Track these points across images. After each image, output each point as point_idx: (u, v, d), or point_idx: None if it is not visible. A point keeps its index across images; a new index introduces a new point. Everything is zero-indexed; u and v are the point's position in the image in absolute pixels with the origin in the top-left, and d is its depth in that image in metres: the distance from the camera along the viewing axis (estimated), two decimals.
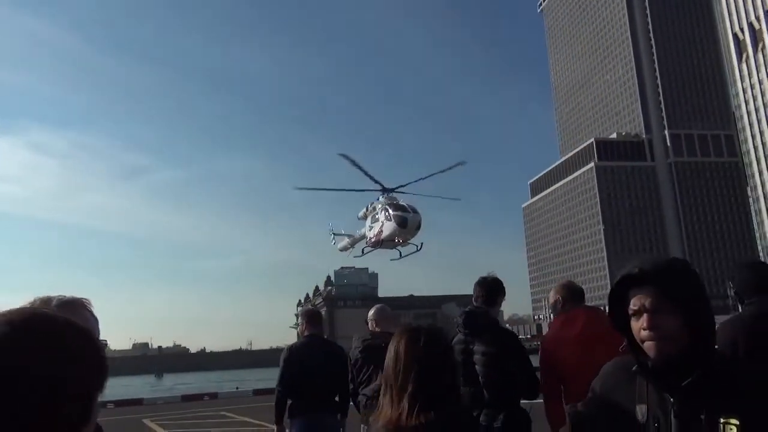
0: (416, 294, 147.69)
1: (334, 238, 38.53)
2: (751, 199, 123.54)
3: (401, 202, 29.99)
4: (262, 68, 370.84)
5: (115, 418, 15.24)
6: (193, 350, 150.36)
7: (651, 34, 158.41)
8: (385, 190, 30.97)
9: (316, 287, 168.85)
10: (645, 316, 1.42)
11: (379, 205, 30.75)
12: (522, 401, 3.54)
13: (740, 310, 3.19)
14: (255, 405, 16.69)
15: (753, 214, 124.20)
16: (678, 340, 1.40)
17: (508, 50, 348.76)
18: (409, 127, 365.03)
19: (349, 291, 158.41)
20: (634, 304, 1.45)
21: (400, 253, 31.69)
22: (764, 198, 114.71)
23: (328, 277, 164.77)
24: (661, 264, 1.47)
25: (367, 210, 32.70)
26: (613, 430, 1.52)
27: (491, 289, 3.78)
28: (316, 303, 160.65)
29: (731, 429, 1.29)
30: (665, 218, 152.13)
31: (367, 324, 4.86)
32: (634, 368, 1.47)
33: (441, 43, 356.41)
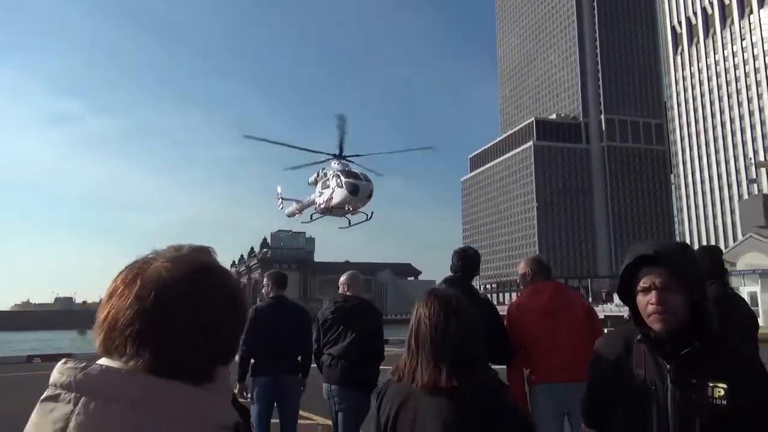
0: (352, 261, 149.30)
1: (282, 202, 37.52)
2: (674, 186, 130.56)
3: (354, 170, 28.94)
4: (212, 18, 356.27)
5: (42, 373, 14.75)
6: None
7: (596, 20, 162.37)
8: (337, 156, 29.81)
9: (251, 248, 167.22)
10: (654, 293, 1.60)
11: (331, 172, 29.38)
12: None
13: None
14: None
15: (674, 200, 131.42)
16: (680, 316, 1.59)
17: (460, 28, 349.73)
18: (355, 97, 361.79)
19: (284, 254, 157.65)
20: (645, 282, 1.62)
21: (349, 221, 30.64)
22: (685, 186, 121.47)
23: (265, 239, 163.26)
24: (671, 248, 1.64)
25: (318, 175, 31.24)
26: (616, 392, 1.68)
27: (472, 260, 3.89)
28: (251, 264, 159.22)
29: (719, 392, 1.48)
30: (595, 199, 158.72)
31: (339, 288, 4.96)
32: (638, 338, 1.66)
33: (394, 15, 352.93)
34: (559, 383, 3.56)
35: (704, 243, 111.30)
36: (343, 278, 4.97)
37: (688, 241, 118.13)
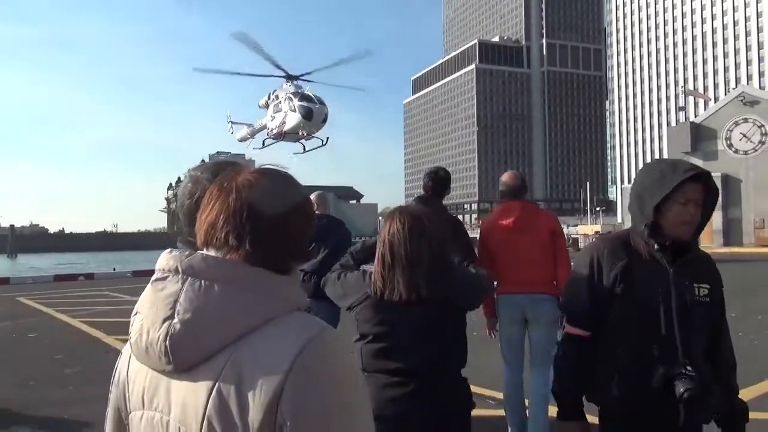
0: None
1: (231, 126, 34.79)
2: (608, 112, 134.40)
3: (307, 92, 27.64)
4: None
5: None
6: (51, 231, 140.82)
7: None
8: (289, 78, 28.23)
9: (189, 170, 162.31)
10: (695, 207, 1.82)
11: (283, 94, 28.12)
12: None
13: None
14: (137, 286, 16.40)
15: (608, 126, 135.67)
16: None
17: None
18: (294, 17, 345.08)
19: None
20: (688, 197, 1.80)
21: (304, 147, 29.40)
22: (618, 112, 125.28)
23: (202, 161, 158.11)
24: (706, 171, 1.85)
25: (269, 98, 29.66)
26: (624, 292, 1.87)
27: (442, 181, 3.96)
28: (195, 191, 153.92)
29: (704, 291, 1.84)
30: (533, 124, 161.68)
31: None
32: (655, 247, 1.84)
33: None
34: (519, 294, 3.84)
35: (633, 169, 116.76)
36: (312, 196, 5.06)
37: (618, 165, 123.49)
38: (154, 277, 0.92)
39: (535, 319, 3.85)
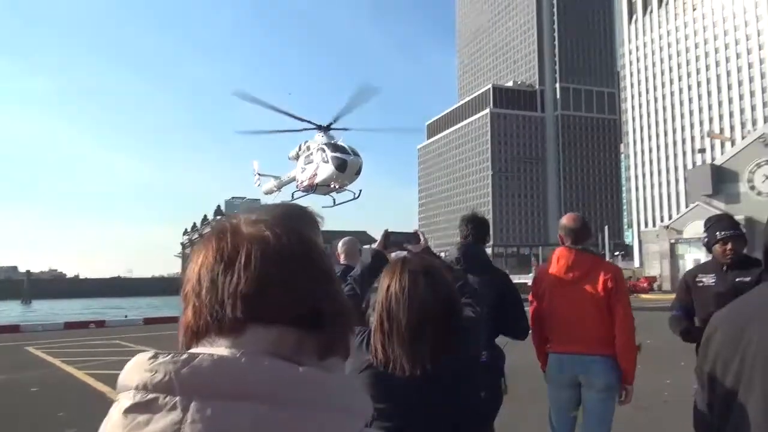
0: None
1: (259, 179, 33.73)
2: (623, 155, 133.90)
3: (340, 143, 26.33)
4: None
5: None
6: (68, 275, 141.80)
7: None
8: (321, 128, 26.82)
9: (204, 216, 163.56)
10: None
11: (315, 145, 26.81)
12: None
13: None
14: (148, 334, 16.04)
15: (623, 169, 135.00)
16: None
17: None
18: (305, 66, 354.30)
19: None
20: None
21: (334, 200, 27.69)
22: (634, 154, 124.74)
23: (218, 207, 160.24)
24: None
25: (300, 149, 28.39)
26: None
27: (483, 225, 3.62)
28: (204, 233, 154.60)
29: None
30: (548, 168, 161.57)
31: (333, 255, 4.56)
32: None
33: None
34: (571, 354, 3.49)
35: (650, 212, 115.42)
36: (339, 246, 4.64)
37: (634, 209, 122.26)
38: (124, 404, 0.56)
39: (590, 384, 3.46)
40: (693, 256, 36.79)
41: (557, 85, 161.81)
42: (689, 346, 3.96)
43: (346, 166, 26.03)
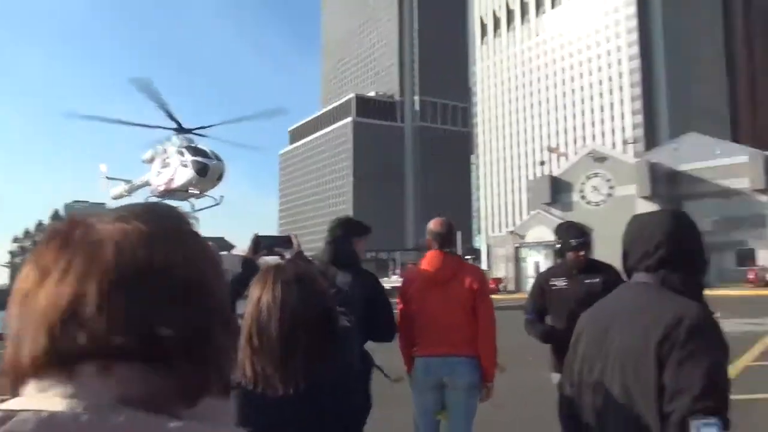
0: None
1: (107, 182, 31.09)
2: (474, 166, 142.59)
3: (202, 147, 25.09)
4: None
5: None
6: None
7: (415, 5, 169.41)
8: (181, 130, 25.39)
9: (39, 222, 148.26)
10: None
11: (172, 148, 25.46)
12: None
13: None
14: None
15: (473, 179, 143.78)
16: None
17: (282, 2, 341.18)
18: (164, 71, 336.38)
19: None
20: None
21: (193, 206, 26.36)
22: (484, 165, 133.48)
23: (56, 212, 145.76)
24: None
25: (155, 151, 26.96)
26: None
27: (356, 226, 3.54)
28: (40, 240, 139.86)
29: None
30: (406, 177, 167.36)
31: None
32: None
33: None
34: (437, 356, 3.52)
35: (497, 219, 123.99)
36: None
37: (483, 216, 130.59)
38: None
39: (454, 384, 3.54)
40: (534, 259, 39.75)
41: (416, 98, 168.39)
42: (534, 344, 4.06)
43: (208, 171, 24.73)
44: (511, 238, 41.92)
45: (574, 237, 3.89)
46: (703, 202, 33.51)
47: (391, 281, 44.19)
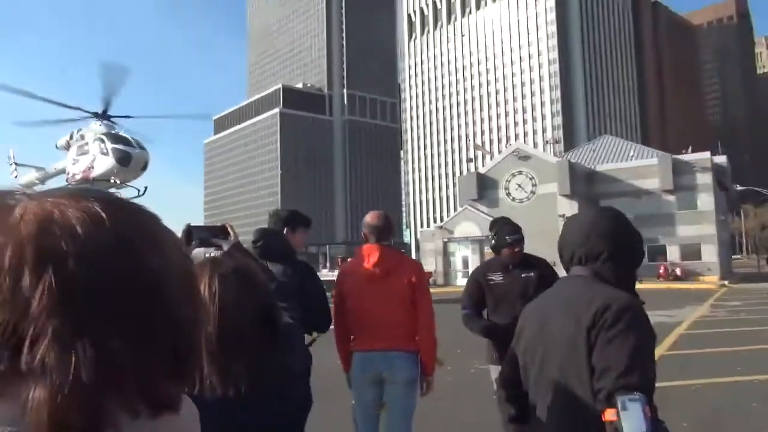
0: None
1: (16, 169, 28.91)
2: (402, 161, 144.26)
3: (123, 134, 23.94)
4: None
5: None
6: None
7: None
8: (98, 115, 24.15)
9: None
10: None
11: (91, 134, 24.16)
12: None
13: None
14: None
15: (402, 173, 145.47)
16: None
17: None
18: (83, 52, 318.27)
19: None
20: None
21: None
22: (412, 161, 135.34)
23: None
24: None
25: (71, 137, 25.51)
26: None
27: (293, 215, 3.62)
28: None
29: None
30: (335, 170, 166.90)
31: None
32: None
33: None
34: (375, 351, 3.46)
35: (425, 213, 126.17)
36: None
37: (412, 210, 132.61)
38: None
39: (393, 379, 3.46)
40: (462, 254, 40.88)
41: (344, 91, 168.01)
42: (463, 338, 4.19)
43: (131, 160, 23.40)
44: (440, 233, 42.90)
45: (509, 234, 3.98)
46: (618, 200, 35.63)
47: (322, 275, 44.06)
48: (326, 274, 43.71)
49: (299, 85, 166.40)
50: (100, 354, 0.39)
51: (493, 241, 4.06)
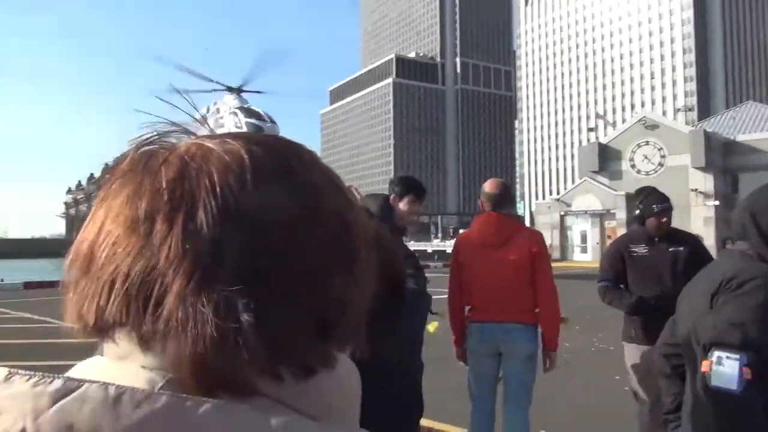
0: None
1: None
2: (517, 131, 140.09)
3: (255, 108, 24.67)
4: None
5: None
6: None
7: None
8: (233, 90, 25.35)
9: (91, 175, 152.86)
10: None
11: (226, 107, 25.14)
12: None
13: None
14: (27, 300, 14.68)
15: (516, 144, 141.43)
16: None
17: None
18: (207, 27, 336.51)
19: None
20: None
21: None
22: (527, 131, 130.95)
23: (106, 165, 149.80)
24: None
25: (208, 110, 26.58)
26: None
27: (408, 182, 3.32)
28: (91, 192, 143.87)
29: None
30: (447, 140, 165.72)
31: None
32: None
33: None
34: (492, 322, 3.37)
35: (540, 186, 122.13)
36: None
37: (526, 182, 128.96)
38: None
39: (511, 353, 3.38)
40: (580, 228, 39.39)
41: (458, 60, 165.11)
42: (583, 313, 3.90)
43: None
44: (557, 206, 41.47)
45: (657, 202, 3.69)
46: (761, 174, 32.40)
47: (433, 245, 44.65)
48: (437, 245, 44.03)
49: (412, 54, 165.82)
50: (235, 311, 0.35)
51: (638, 211, 3.77)
